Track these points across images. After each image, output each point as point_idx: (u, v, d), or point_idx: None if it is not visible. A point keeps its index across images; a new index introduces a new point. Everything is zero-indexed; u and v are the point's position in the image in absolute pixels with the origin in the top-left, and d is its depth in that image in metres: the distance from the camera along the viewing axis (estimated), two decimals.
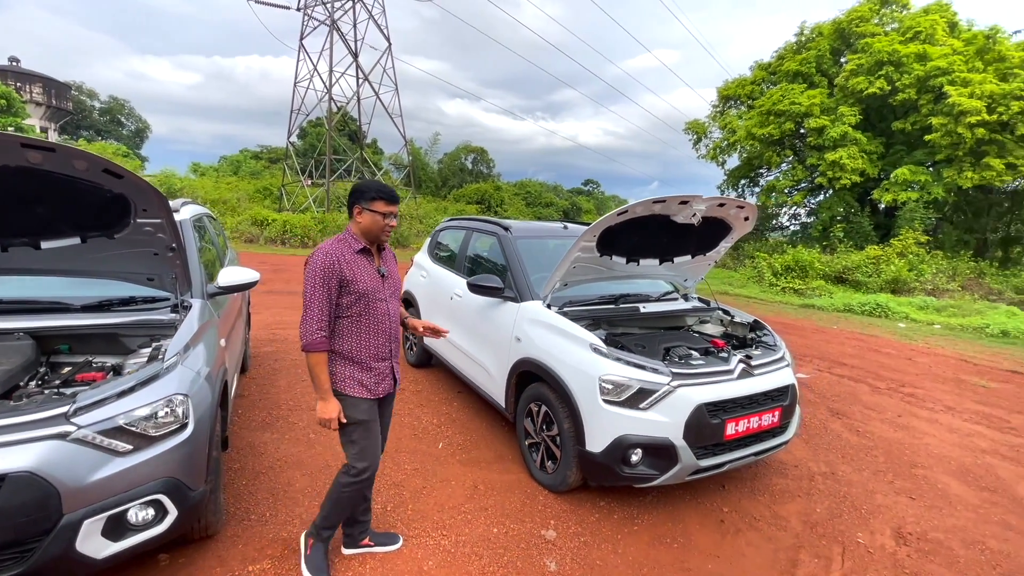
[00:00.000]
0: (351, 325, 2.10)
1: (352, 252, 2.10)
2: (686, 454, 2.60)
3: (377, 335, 2.14)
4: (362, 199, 2.10)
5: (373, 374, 2.15)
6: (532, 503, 2.95)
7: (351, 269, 2.06)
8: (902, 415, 4.65)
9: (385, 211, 2.09)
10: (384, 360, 2.18)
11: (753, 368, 2.89)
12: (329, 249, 2.06)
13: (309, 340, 2.02)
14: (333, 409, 2.08)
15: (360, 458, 2.18)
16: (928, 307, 11.49)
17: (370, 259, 2.15)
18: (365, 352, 2.13)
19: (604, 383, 2.67)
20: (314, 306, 2.03)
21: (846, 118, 17.28)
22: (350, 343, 2.11)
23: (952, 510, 3.08)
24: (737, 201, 3.15)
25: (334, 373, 2.12)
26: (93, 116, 51.38)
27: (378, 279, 2.14)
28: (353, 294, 2.06)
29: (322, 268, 2.02)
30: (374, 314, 2.12)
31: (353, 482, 2.19)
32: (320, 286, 2.01)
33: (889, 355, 7.04)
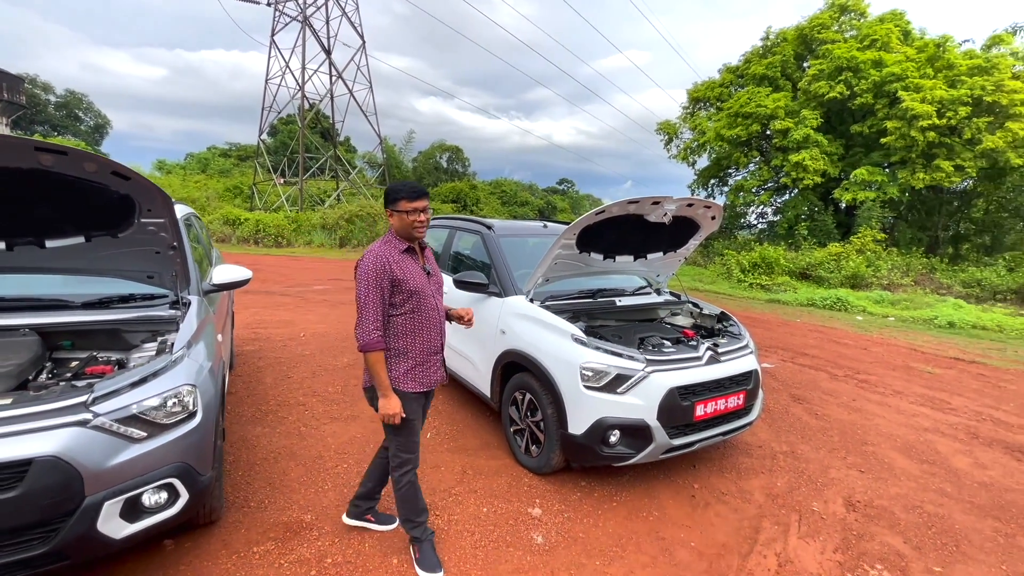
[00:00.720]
0: (405, 322, 2.21)
1: (399, 252, 2.20)
2: (660, 434, 2.84)
3: (429, 330, 2.26)
4: (389, 202, 2.21)
5: (426, 367, 2.28)
6: (518, 485, 3.15)
7: (400, 269, 2.17)
8: (856, 399, 5.03)
9: (409, 208, 2.16)
10: (436, 353, 2.31)
11: (720, 355, 3.15)
12: (378, 251, 2.17)
13: (366, 340, 2.13)
14: (396, 404, 2.18)
15: (404, 449, 2.33)
16: (884, 301, 12.16)
17: (415, 258, 2.26)
18: (419, 347, 2.25)
19: (585, 370, 2.88)
20: (369, 307, 2.13)
21: (808, 121, 18.04)
22: (404, 340, 2.22)
23: (896, 481, 3.41)
24: (704, 201, 3.41)
25: (390, 369, 2.23)
26: (48, 110, 49.07)
27: (424, 277, 2.26)
28: (405, 292, 2.17)
29: (374, 270, 2.12)
30: (426, 310, 2.24)
31: (403, 473, 2.34)
32: (374, 288, 2.12)
33: (847, 345, 7.51)
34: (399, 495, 2.38)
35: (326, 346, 6.03)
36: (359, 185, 31.10)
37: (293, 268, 14.30)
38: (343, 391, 4.62)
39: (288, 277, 12.28)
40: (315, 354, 5.70)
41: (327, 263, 16.22)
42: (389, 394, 2.20)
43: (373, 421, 3.99)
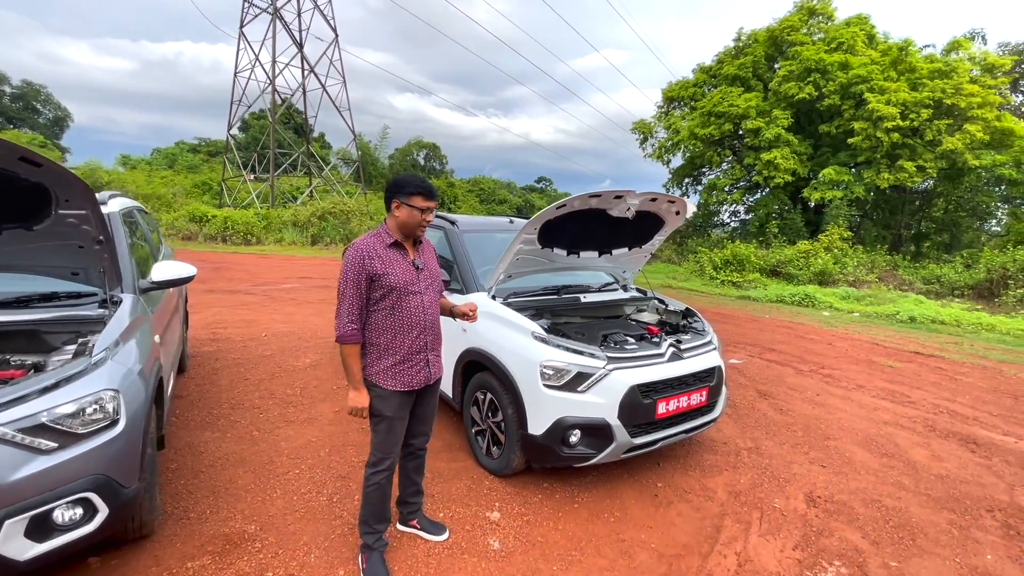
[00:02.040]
0: (384, 318, 2.15)
1: (384, 246, 2.14)
2: (621, 433, 2.78)
3: (410, 328, 2.17)
4: (400, 193, 2.12)
5: (407, 366, 2.20)
6: (478, 488, 3.05)
7: (382, 263, 2.11)
8: (820, 394, 5.08)
9: (423, 206, 2.12)
10: (419, 352, 2.21)
11: (682, 351, 3.10)
12: (361, 244, 2.13)
13: (342, 332, 2.11)
14: (364, 398, 2.16)
15: (379, 447, 2.26)
16: (849, 297, 12.46)
17: (403, 253, 2.18)
18: (399, 344, 2.17)
19: (544, 368, 2.79)
20: (346, 300, 2.10)
21: (779, 121, 18.38)
22: (384, 336, 2.16)
23: (856, 475, 3.43)
24: (668, 196, 3.36)
25: (369, 365, 2.18)
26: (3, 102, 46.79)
27: (412, 272, 2.18)
28: (384, 287, 2.11)
29: (354, 263, 2.08)
30: (406, 307, 2.16)
31: (373, 473, 2.26)
32: (352, 280, 2.08)
33: (813, 341, 7.63)
34: (365, 495, 2.29)
35: (288, 346, 5.83)
36: (333, 182, 30.52)
37: (261, 266, 13.89)
38: (302, 393, 4.44)
39: (255, 275, 11.91)
40: (276, 355, 5.50)
41: (297, 261, 15.83)
42: (359, 387, 2.17)
43: (331, 424, 3.84)
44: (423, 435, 2.48)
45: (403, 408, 2.26)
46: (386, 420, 2.23)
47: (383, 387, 2.19)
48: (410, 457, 2.49)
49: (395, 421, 2.24)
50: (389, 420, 2.23)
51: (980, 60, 17.60)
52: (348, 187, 31.43)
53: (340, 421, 3.89)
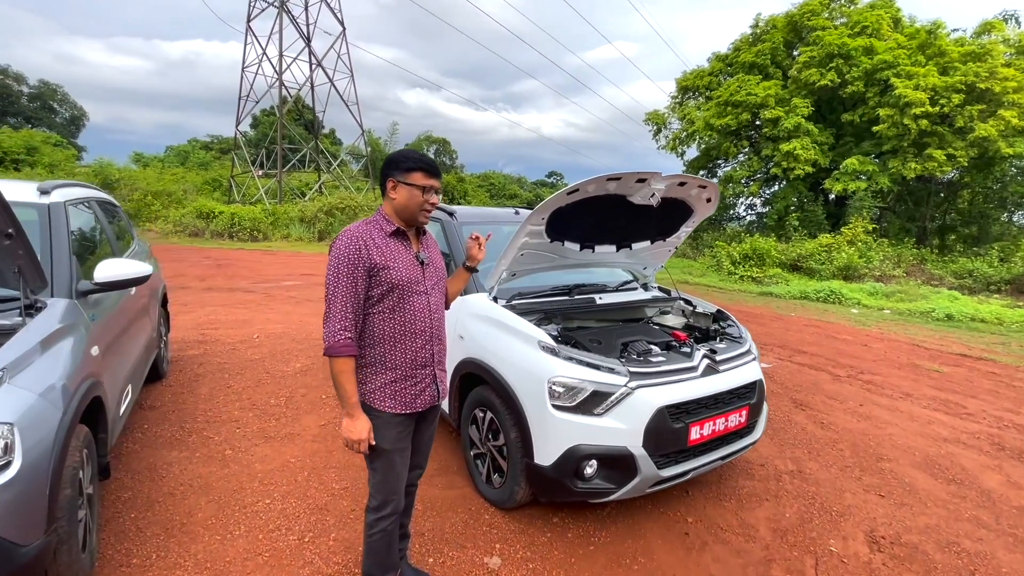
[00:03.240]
0: (383, 323, 1.73)
1: (383, 235, 1.74)
2: (646, 464, 2.30)
3: (415, 335, 1.76)
4: (396, 171, 1.72)
5: (410, 383, 1.77)
6: (476, 523, 2.60)
7: (382, 254, 1.70)
8: (863, 404, 4.55)
9: (424, 184, 1.71)
10: (425, 366, 1.80)
11: (718, 364, 2.62)
12: (354, 232, 1.70)
13: (332, 342, 1.65)
14: (362, 428, 1.70)
15: (379, 489, 1.82)
16: (878, 293, 11.80)
17: (406, 244, 1.78)
18: (400, 356, 1.75)
19: (554, 386, 2.33)
20: (337, 301, 1.65)
21: (799, 109, 17.61)
22: (382, 346, 1.74)
23: (922, 507, 2.92)
24: (699, 180, 2.86)
25: (361, 382, 1.75)
26: (21, 102, 47.26)
27: (416, 268, 1.77)
28: (384, 284, 1.69)
29: (346, 255, 1.65)
30: (411, 309, 1.74)
31: (376, 519, 1.84)
32: (344, 276, 1.65)
33: (846, 341, 7.06)
34: (367, 544, 1.88)
35: (279, 349, 5.42)
36: (341, 177, 30.24)
37: (265, 263, 13.57)
38: (287, 403, 4.03)
39: (258, 272, 11.58)
40: (265, 359, 5.09)
41: (302, 257, 15.50)
42: (354, 413, 1.70)
43: (314, 440, 3.42)
44: (416, 468, 2.03)
45: (404, 437, 1.82)
46: (384, 455, 1.79)
47: (380, 410, 1.75)
48: None
49: (395, 455, 1.80)
50: (388, 455, 1.79)
51: (1016, 43, 16.66)
52: (357, 183, 31.12)
53: (324, 437, 3.47)
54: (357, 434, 1.70)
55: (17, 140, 26.30)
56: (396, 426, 1.78)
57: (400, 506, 1.86)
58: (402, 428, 1.80)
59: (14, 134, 27.80)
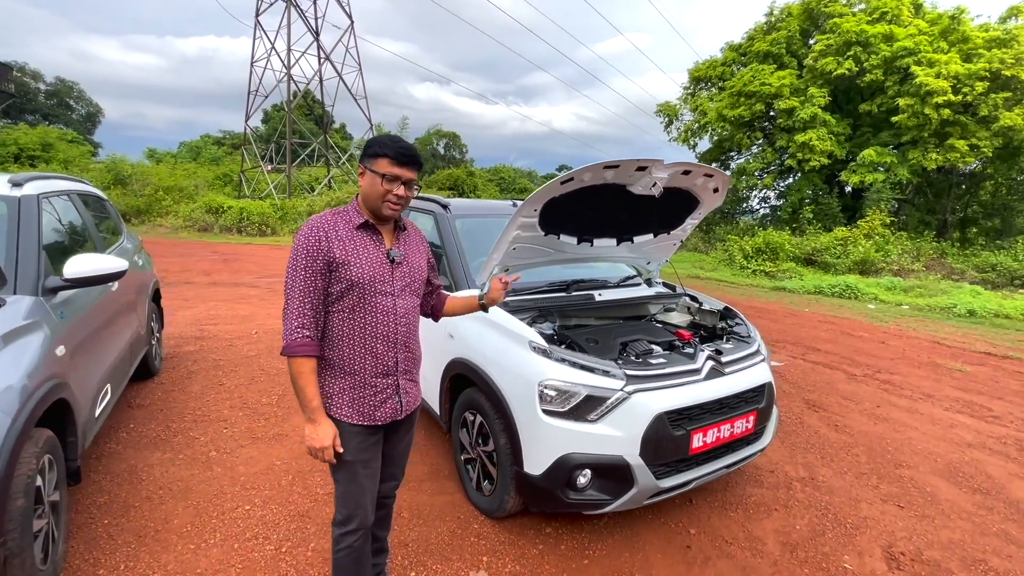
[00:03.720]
0: (342, 324, 1.59)
1: (350, 227, 1.59)
2: (643, 474, 2.14)
3: (375, 340, 1.60)
4: (365, 155, 1.59)
5: (369, 392, 1.62)
6: (464, 533, 2.45)
7: (343, 248, 1.55)
8: (881, 405, 4.33)
9: (387, 172, 1.53)
10: (387, 375, 1.64)
11: (723, 365, 2.43)
12: (316, 222, 1.57)
13: (288, 341, 1.53)
14: (325, 434, 1.56)
15: (342, 502, 1.68)
16: (895, 288, 11.43)
17: (375, 238, 1.62)
18: (359, 361, 1.60)
19: (545, 389, 2.17)
20: (294, 297, 1.53)
21: (815, 99, 17.13)
22: (341, 349, 1.59)
23: (945, 520, 2.72)
24: (705, 168, 2.67)
25: (321, 385, 1.61)
26: (39, 99, 48.00)
27: (384, 266, 1.61)
28: (343, 281, 1.55)
29: (304, 247, 1.53)
30: (372, 311, 1.59)
31: (341, 534, 1.69)
32: (301, 270, 1.52)
33: (862, 339, 6.79)
34: (334, 559, 1.73)
35: (277, 346, 5.32)
36: (350, 172, 30.24)
37: (272, 257, 13.55)
38: (279, 401, 3.92)
39: (263, 267, 11.54)
40: (261, 355, 5.00)
41: None
42: (316, 418, 1.56)
43: (302, 442, 3.29)
44: (391, 479, 1.89)
45: (366, 448, 1.66)
46: (346, 466, 1.64)
47: (337, 418, 1.61)
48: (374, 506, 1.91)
49: (357, 466, 1.65)
50: (350, 466, 1.64)
51: None
52: None
53: None
54: (320, 441, 1.56)
55: (33, 137, 26.64)
56: (357, 436, 1.63)
57: (367, 521, 1.71)
58: (364, 438, 1.65)
59: (30, 131, 28.17)
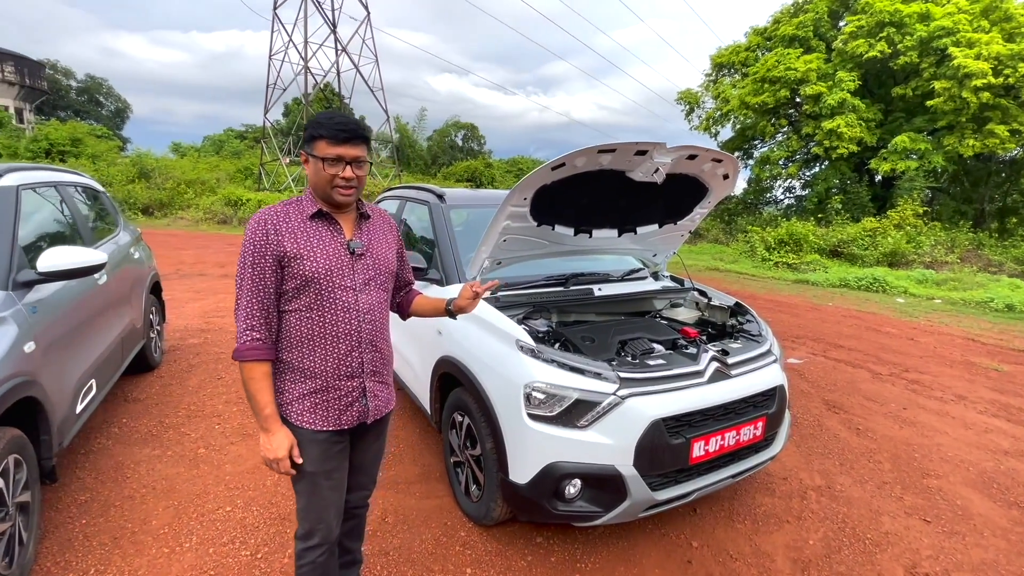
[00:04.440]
0: (300, 323, 1.45)
1: (301, 218, 1.45)
2: (637, 486, 1.96)
3: (336, 339, 1.47)
4: (304, 142, 1.44)
5: (333, 396, 1.49)
6: (449, 541, 2.32)
7: (295, 241, 1.42)
8: (908, 407, 4.05)
9: (326, 155, 1.38)
10: (352, 377, 1.50)
11: (730, 367, 2.24)
12: (264, 215, 1.43)
13: (239, 343, 1.42)
14: (280, 444, 1.43)
15: (304, 516, 1.56)
16: (927, 280, 10.90)
17: (332, 228, 1.48)
18: (320, 363, 1.47)
19: (532, 392, 2.01)
20: (243, 297, 1.42)
21: (845, 84, 16.41)
22: (298, 350, 1.46)
23: (978, 537, 2.48)
24: (713, 152, 2.45)
25: (279, 391, 1.49)
26: (70, 96, 49.45)
27: (343, 259, 1.47)
28: (297, 277, 1.42)
29: (251, 241, 1.40)
30: (332, 308, 1.45)
31: (304, 549, 1.57)
32: (249, 267, 1.40)
33: (890, 335, 6.44)
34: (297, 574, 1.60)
35: None
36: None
37: None
38: None
39: None
40: None
41: None
42: (270, 426, 1.43)
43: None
44: (361, 489, 1.75)
45: (329, 458, 1.52)
46: (306, 477, 1.52)
47: (298, 425, 1.48)
48: (344, 517, 1.77)
49: (319, 478, 1.52)
50: (310, 477, 1.51)
51: None
52: (385, 169, 31.18)
53: None
54: (274, 452, 1.43)
55: (63, 132, 27.40)
56: (319, 444, 1.49)
57: (331, 536, 1.59)
58: (327, 447, 1.51)
59: (61, 126, 28.99)
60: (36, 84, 40.66)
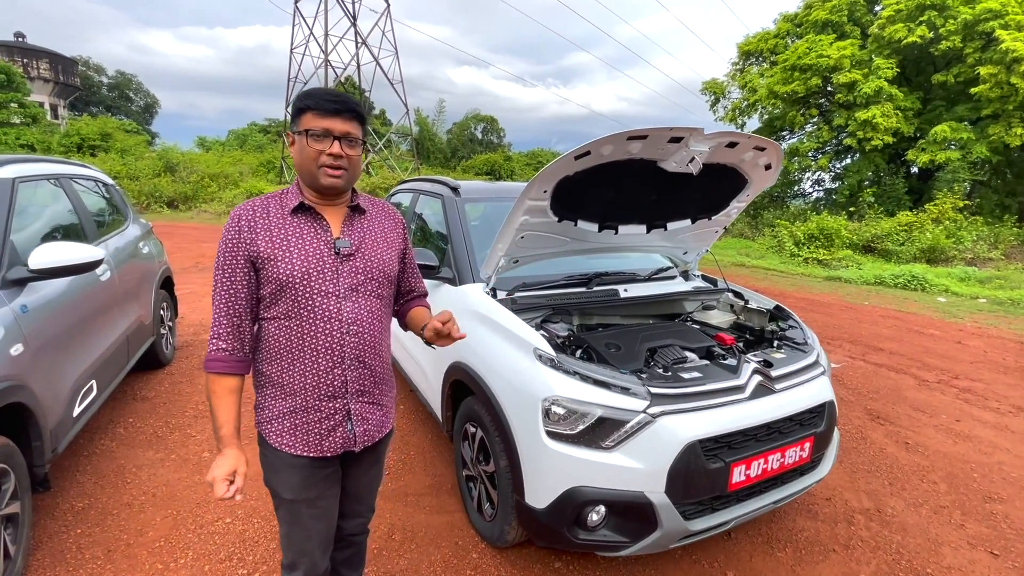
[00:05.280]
0: (278, 333, 1.28)
1: (282, 213, 1.27)
2: (670, 515, 1.75)
3: (316, 354, 1.27)
4: (292, 119, 1.26)
5: (314, 418, 1.30)
6: (460, 563, 2.14)
7: (270, 241, 1.24)
8: (961, 419, 3.72)
9: (316, 128, 1.20)
10: (333, 398, 1.30)
11: (773, 381, 1.99)
12: (243, 209, 1.27)
13: (208, 353, 1.28)
14: (219, 465, 1.23)
15: (286, 545, 1.40)
16: (970, 278, 10.31)
17: (316, 224, 1.29)
18: (299, 379, 1.28)
19: (552, 407, 1.80)
20: (215, 303, 1.27)
21: (881, 71, 15.65)
22: (278, 362, 1.29)
23: None
24: (756, 139, 2.19)
25: (259, 407, 1.34)
26: (102, 92, 50.83)
27: (326, 260, 1.27)
28: (272, 282, 1.24)
29: (224, 240, 1.25)
30: (311, 318, 1.26)
31: None
32: (220, 270, 1.25)
33: (933, 337, 6.04)
34: None
35: None
36: (387, 157, 30.39)
37: None
38: None
39: None
40: None
41: None
42: (221, 446, 1.26)
43: None
44: (356, 516, 1.57)
45: (311, 486, 1.34)
46: (284, 504, 1.35)
47: (276, 447, 1.31)
48: (340, 545, 1.60)
49: (300, 506, 1.34)
50: (289, 505, 1.34)
51: None
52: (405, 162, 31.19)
53: None
54: (210, 472, 1.23)
55: (93, 127, 28.12)
56: (300, 470, 1.31)
57: (317, 569, 1.41)
58: (309, 473, 1.33)
59: (92, 121, 29.76)
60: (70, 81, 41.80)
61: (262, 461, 1.36)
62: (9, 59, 31.37)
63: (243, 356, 1.28)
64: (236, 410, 1.27)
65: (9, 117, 25.77)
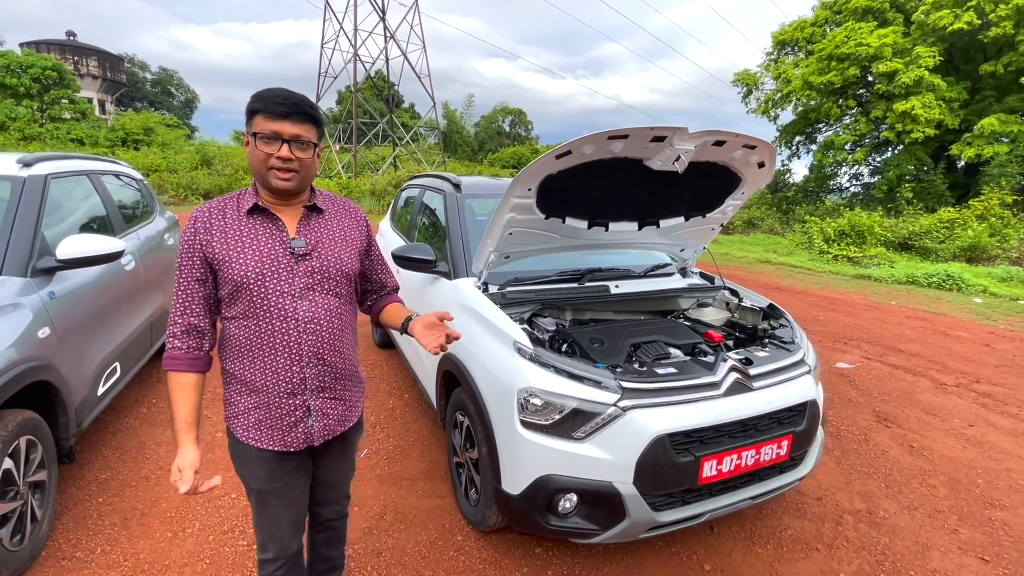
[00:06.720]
0: (239, 331, 1.34)
1: (238, 214, 1.33)
2: (637, 506, 1.80)
3: (274, 352, 1.33)
4: (246, 120, 1.28)
5: (273, 414, 1.36)
6: (444, 545, 2.25)
7: (224, 242, 1.30)
8: (974, 424, 3.61)
9: (262, 130, 1.23)
10: (293, 395, 1.36)
11: (751, 378, 2.01)
12: (199, 212, 1.33)
13: (165, 351, 1.36)
14: (184, 459, 1.31)
15: (257, 529, 1.51)
16: (1012, 279, 9.80)
17: (272, 225, 1.33)
18: (261, 377, 1.35)
19: (527, 398, 1.88)
20: (174, 303, 1.34)
21: (923, 60, 14.94)
22: (241, 360, 1.36)
23: None
24: (745, 137, 2.19)
25: (227, 402, 1.43)
26: (146, 88, 53.07)
27: (280, 260, 1.32)
28: (228, 283, 1.30)
29: (183, 241, 1.32)
30: (267, 317, 1.31)
31: (262, 561, 1.52)
32: (179, 270, 1.33)
33: (960, 339, 5.82)
34: None
35: None
36: (414, 151, 30.75)
37: None
38: None
39: None
40: None
41: None
42: (179, 439, 1.33)
43: None
44: (333, 503, 1.66)
45: (278, 477, 1.42)
46: (253, 494, 1.45)
47: (242, 440, 1.39)
48: (319, 528, 1.71)
49: (268, 496, 1.43)
50: (258, 495, 1.44)
51: None
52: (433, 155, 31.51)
53: None
54: (173, 470, 1.31)
55: (137, 122, 29.46)
56: (266, 463, 1.40)
57: (287, 552, 1.51)
58: (276, 465, 1.41)
59: (135, 117, 31.17)
60: (116, 77, 43.73)
61: (231, 453, 1.45)
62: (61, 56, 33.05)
63: (200, 355, 1.35)
64: (192, 405, 1.34)
65: (61, 113, 27.19)
